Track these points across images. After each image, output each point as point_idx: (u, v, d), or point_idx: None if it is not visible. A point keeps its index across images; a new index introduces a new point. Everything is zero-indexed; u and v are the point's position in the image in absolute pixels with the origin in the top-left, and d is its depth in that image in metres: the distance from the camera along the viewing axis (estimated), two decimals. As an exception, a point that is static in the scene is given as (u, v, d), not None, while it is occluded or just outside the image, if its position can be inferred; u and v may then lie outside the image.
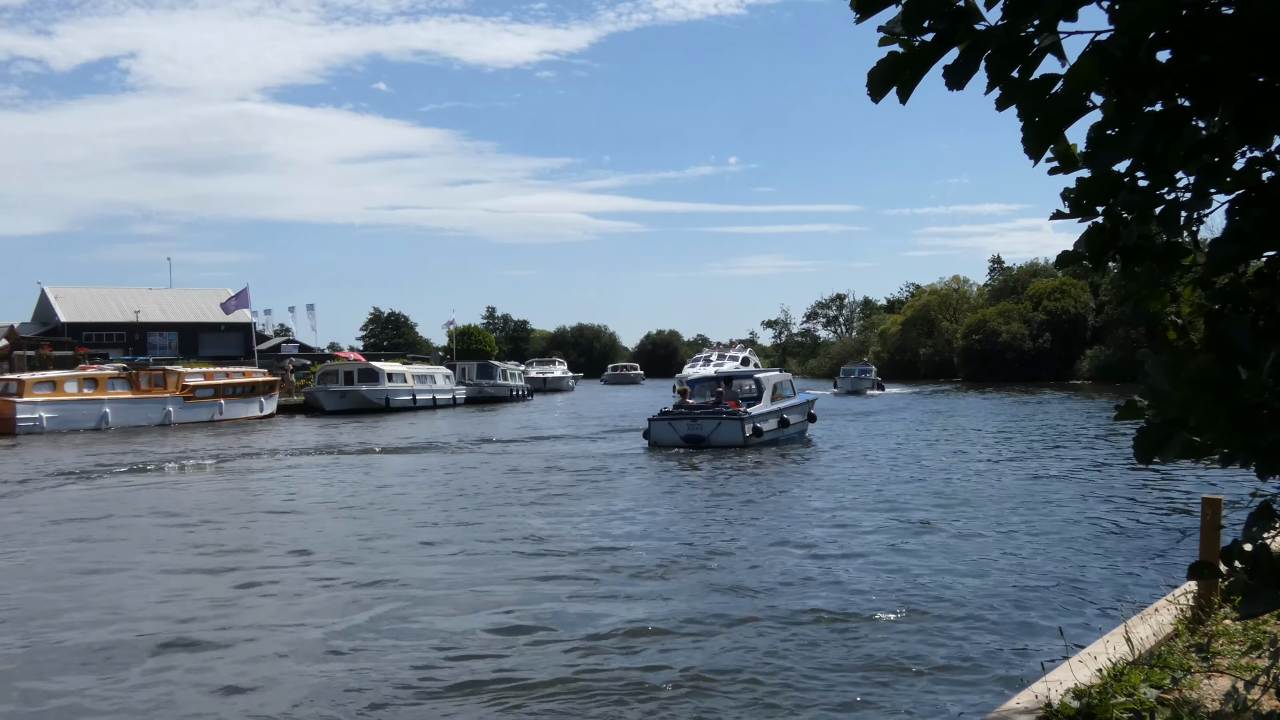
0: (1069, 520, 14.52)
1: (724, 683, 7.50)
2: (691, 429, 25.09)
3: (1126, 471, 19.95)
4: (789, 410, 27.28)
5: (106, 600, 10.48)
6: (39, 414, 35.90)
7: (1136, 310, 2.68)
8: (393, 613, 9.68)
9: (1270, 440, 1.98)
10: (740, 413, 25.16)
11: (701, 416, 25.33)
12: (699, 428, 25.04)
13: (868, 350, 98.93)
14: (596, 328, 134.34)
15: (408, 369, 52.66)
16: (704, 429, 24.99)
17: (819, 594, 10.14)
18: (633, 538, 13.35)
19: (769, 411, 26.33)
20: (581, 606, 9.76)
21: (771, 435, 26.07)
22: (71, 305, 67.76)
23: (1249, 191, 2.21)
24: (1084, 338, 75.80)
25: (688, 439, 25.01)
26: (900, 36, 2.18)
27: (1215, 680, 5.18)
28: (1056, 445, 26.60)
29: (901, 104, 2.29)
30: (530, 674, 7.73)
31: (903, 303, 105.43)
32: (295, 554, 12.75)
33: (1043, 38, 2.10)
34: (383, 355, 71.81)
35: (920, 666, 7.81)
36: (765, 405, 26.42)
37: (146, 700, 7.47)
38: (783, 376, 29.30)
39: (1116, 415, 2.25)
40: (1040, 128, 2.17)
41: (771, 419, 26.25)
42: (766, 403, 26.58)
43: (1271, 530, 2.25)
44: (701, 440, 24.91)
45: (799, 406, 28.24)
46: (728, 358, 63.24)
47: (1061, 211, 2.49)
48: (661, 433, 25.52)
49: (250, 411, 43.57)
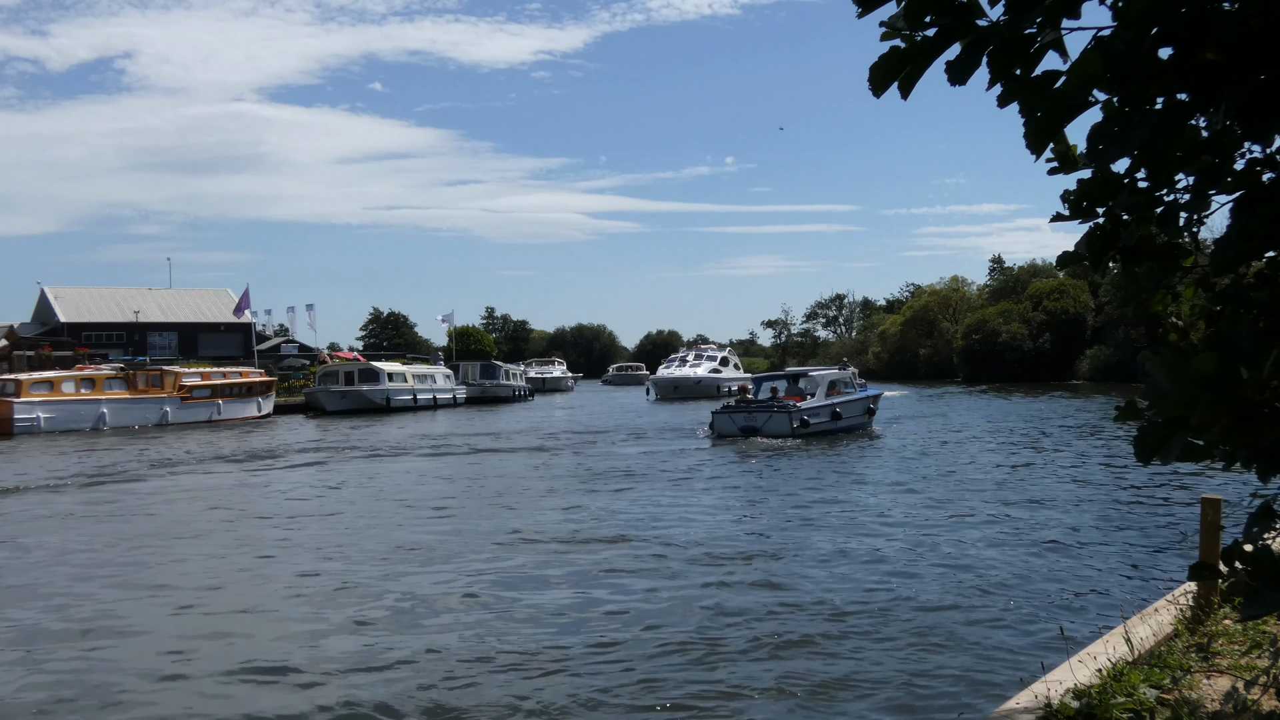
0: (1069, 520, 14.52)
1: (719, 675, 7.49)
2: (747, 421, 28.69)
3: (1126, 471, 19.94)
4: (844, 404, 30.27)
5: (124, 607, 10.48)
6: (36, 414, 35.87)
7: (1137, 310, 2.67)
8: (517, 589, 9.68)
9: (1271, 440, 1.97)
10: (789, 406, 28.48)
11: (756, 410, 28.93)
12: (753, 420, 28.60)
13: (868, 350, 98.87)
14: (596, 328, 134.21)
15: (408, 369, 52.66)
16: (757, 421, 28.53)
17: (819, 593, 10.13)
18: (691, 523, 13.37)
19: (820, 406, 29.52)
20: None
21: (821, 427, 29.07)
22: (71, 305, 67.73)
23: (1250, 192, 2.20)
24: (1084, 338, 75.76)
25: (744, 429, 28.59)
26: (902, 31, 2.17)
27: (1215, 680, 5.17)
28: (1056, 445, 26.58)
29: (903, 99, 2.28)
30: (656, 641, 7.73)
31: (902, 303, 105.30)
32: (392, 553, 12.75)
33: (1044, 34, 2.09)
34: (383, 355, 71.80)
35: (919, 666, 7.80)
36: (818, 400, 29.83)
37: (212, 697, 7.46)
38: (842, 374, 32.56)
39: (1117, 416, 2.24)
40: (1042, 123, 2.17)
41: (823, 412, 29.39)
42: (820, 398, 29.98)
43: (1272, 531, 2.24)
44: (755, 430, 28.35)
45: (856, 401, 31.28)
46: (705, 357, 63.74)
47: (1061, 214, 2.48)
48: (723, 424, 29.21)
49: (248, 412, 43.53)
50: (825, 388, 30.53)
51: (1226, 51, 1.97)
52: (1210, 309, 2.57)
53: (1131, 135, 2.11)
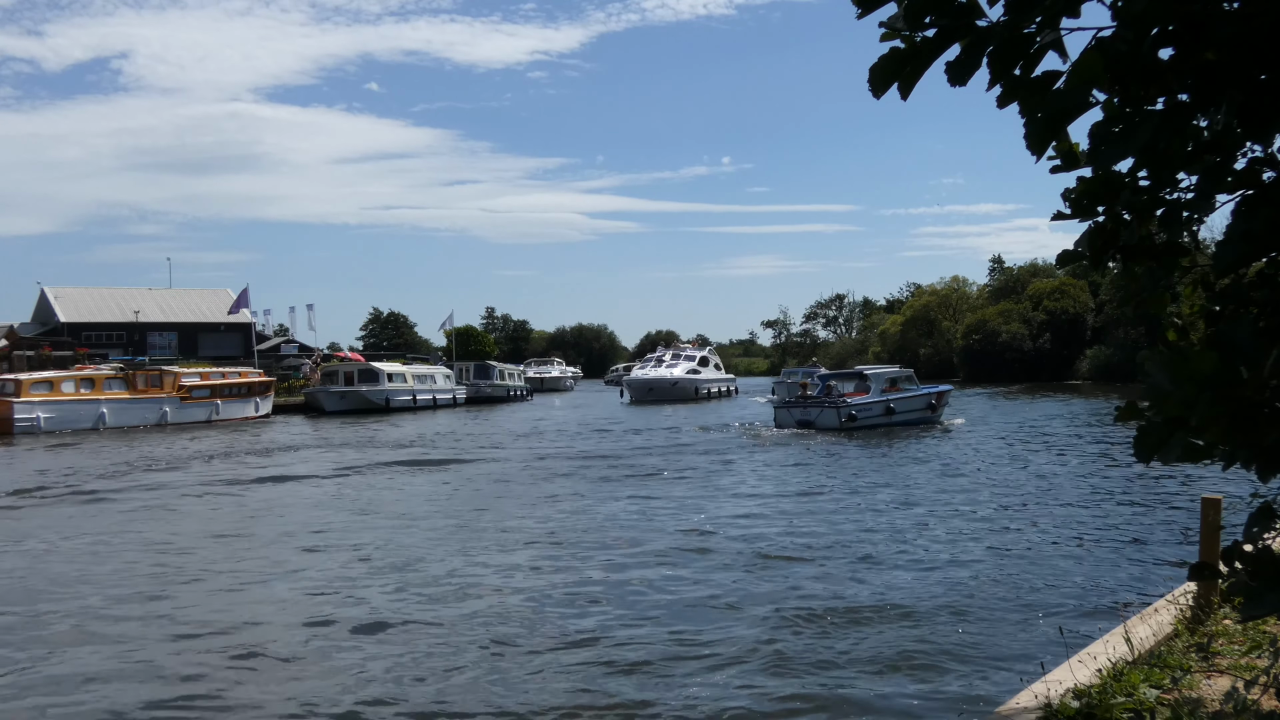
0: (1068, 520, 14.51)
1: (714, 669, 7.49)
2: (803, 415, 32.62)
3: (1126, 471, 19.93)
4: (899, 401, 33.04)
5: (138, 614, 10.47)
6: (36, 414, 35.87)
7: (1137, 310, 2.67)
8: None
9: (1271, 440, 1.97)
10: (839, 402, 31.88)
11: (810, 405, 32.82)
12: (808, 414, 32.49)
13: (868, 350, 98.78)
14: (596, 328, 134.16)
15: (408, 369, 52.63)
16: (811, 415, 32.40)
17: (818, 593, 10.12)
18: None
19: (873, 401, 32.38)
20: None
21: (872, 421, 31.98)
22: (71, 305, 67.69)
23: (1251, 192, 2.19)
24: (1084, 338, 75.73)
25: (800, 423, 32.44)
26: (902, 32, 2.16)
27: (1215, 680, 5.17)
28: (1055, 445, 26.58)
29: (903, 99, 2.27)
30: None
31: (903, 303, 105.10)
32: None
33: (1044, 34, 2.09)
34: (383, 355, 71.74)
35: (919, 666, 7.80)
36: (871, 396, 32.68)
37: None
38: (901, 372, 35.81)
39: (1117, 416, 2.23)
40: (1043, 123, 2.16)
41: (875, 408, 32.26)
42: (874, 394, 32.83)
43: (1272, 531, 2.24)
44: (810, 424, 32.06)
45: (915, 397, 33.99)
46: (683, 357, 61.62)
47: (1062, 212, 2.48)
48: (782, 418, 33.33)
49: (246, 412, 43.53)
50: (883, 384, 33.44)
51: (1227, 51, 1.96)
52: (1210, 308, 2.57)
53: (1133, 136, 2.11)
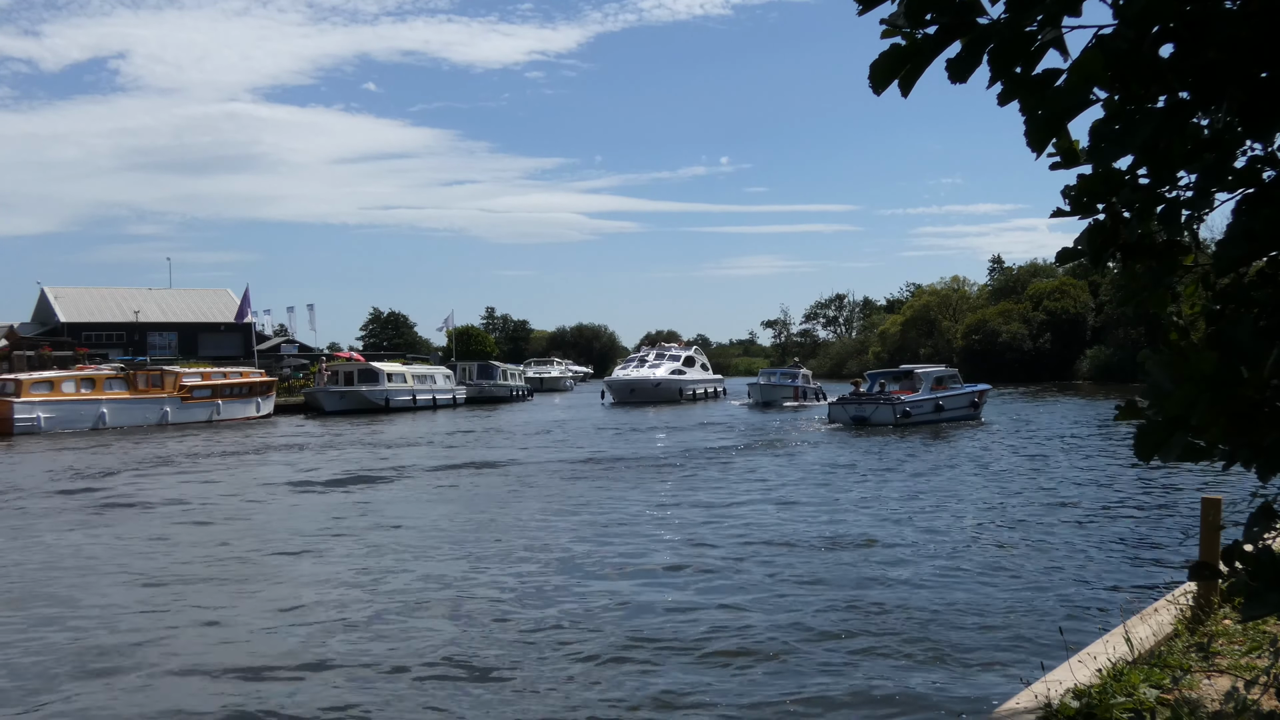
0: (1068, 520, 14.51)
1: (717, 665, 7.48)
2: (858, 411, 33.96)
3: (1126, 471, 19.93)
4: (946, 398, 34.83)
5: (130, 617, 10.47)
6: (36, 414, 35.88)
7: (1137, 310, 2.66)
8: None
9: (1271, 440, 1.97)
10: (894, 399, 33.43)
11: (865, 402, 34.33)
12: (862, 410, 33.86)
13: (868, 350, 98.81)
14: (596, 328, 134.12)
15: (408, 369, 52.63)
16: (865, 411, 33.78)
17: (818, 591, 10.12)
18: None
19: (924, 399, 33.96)
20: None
21: (923, 417, 33.53)
22: (71, 305, 67.69)
23: (1252, 190, 2.19)
24: (1084, 338, 75.80)
25: (854, 419, 33.80)
26: (903, 30, 2.16)
27: (1215, 680, 5.16)
28: (1054, 445, 26.58)
29: (904, 97, 2.27)
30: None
31: (903, 303, 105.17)
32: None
33: (1045, 32, 2.08)
34: (383, 355, 71.73)
35: (920, 666, 7.80)
36: (921, 394, 34.19)
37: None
38: (947, 371, 38.06)
39: (1117, 415, 2.23)
40: (1043, 121, 2.16)
41: (926, 405, 33.88)
42: (924, 392, 34.39)
43: (1272, 531, 2.23)
44: (865, 420, 33.46)
45: (960, 395, 35.73)
46: (667, 357, 60.42)
47: (1062, 209, 2.47)
48: (837, 414, 34.65)
49: (247, 412, 43.54)
50: (931, 382, 34.99)
51: (1228, 50, 1.96)
52: (1210, 308, 2.56)
53: (1133, 133, 2.10)
